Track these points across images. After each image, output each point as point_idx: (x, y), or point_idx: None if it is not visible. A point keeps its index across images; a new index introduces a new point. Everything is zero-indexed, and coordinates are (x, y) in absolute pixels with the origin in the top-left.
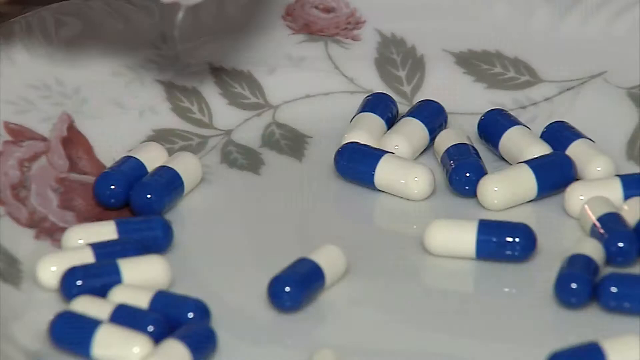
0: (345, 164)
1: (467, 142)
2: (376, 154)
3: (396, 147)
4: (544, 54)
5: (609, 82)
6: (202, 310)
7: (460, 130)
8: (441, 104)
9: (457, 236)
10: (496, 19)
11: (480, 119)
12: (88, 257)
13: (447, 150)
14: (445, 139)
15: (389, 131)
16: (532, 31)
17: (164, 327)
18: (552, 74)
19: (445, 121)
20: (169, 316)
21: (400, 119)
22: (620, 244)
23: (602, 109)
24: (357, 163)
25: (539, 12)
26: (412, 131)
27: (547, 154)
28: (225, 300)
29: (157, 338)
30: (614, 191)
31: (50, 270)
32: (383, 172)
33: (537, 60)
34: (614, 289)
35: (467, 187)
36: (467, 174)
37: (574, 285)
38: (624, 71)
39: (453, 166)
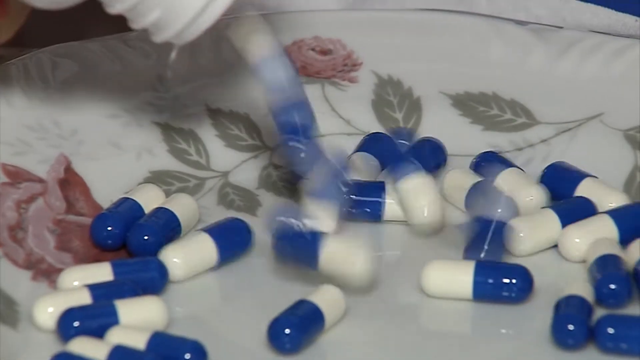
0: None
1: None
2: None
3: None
4: (540, 96)
5: (606, 124)
6: (199, 351)
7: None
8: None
9: (454, 278)
10: (493, 61)
11: (474, 161)
12: (85, 298)
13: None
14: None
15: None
16: (529, 73)
17: None
18: (548, 115)
19: (445, 160)
20: (165, 357)
21: None
22: (612, 286)
23: (598, 150)
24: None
25: (536, 53)
26: None
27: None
28: (222, 341)
29: None
30: (608, 229)
31: (47, 311)
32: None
33: (534, 102)
34: (610, 330)
35: None
36: None
37: (571, 327)
38: (620, 113)
39: None
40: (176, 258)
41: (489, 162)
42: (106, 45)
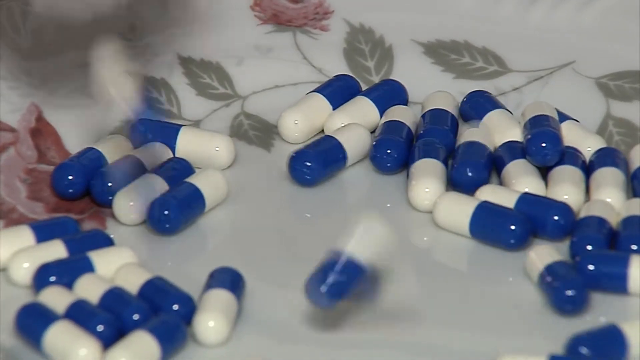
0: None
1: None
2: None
3: (342, 124)
4: (512, 44)
5: (578, 72)
6: (143, 310)
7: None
8: (403, 84)
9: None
10: (464, 9)
11: (463, 101)
12: (60, 252)
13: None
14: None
15: (336, 109)
16: (501, 21)
17: (115, 327)
18: (520, 63)
19: (405, 102)
20: (117, 313)
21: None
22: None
23: (570, 98)
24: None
25: (507, 2)
26: (360, 110)
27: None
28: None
29: (107, 338)
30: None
31: (23, 267)
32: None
33: (506, 50)
34: (591, 267)
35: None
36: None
37: (569, 293)
38: (592, 61)
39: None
40: (132, 201)
41: (477, 102)
42: None
